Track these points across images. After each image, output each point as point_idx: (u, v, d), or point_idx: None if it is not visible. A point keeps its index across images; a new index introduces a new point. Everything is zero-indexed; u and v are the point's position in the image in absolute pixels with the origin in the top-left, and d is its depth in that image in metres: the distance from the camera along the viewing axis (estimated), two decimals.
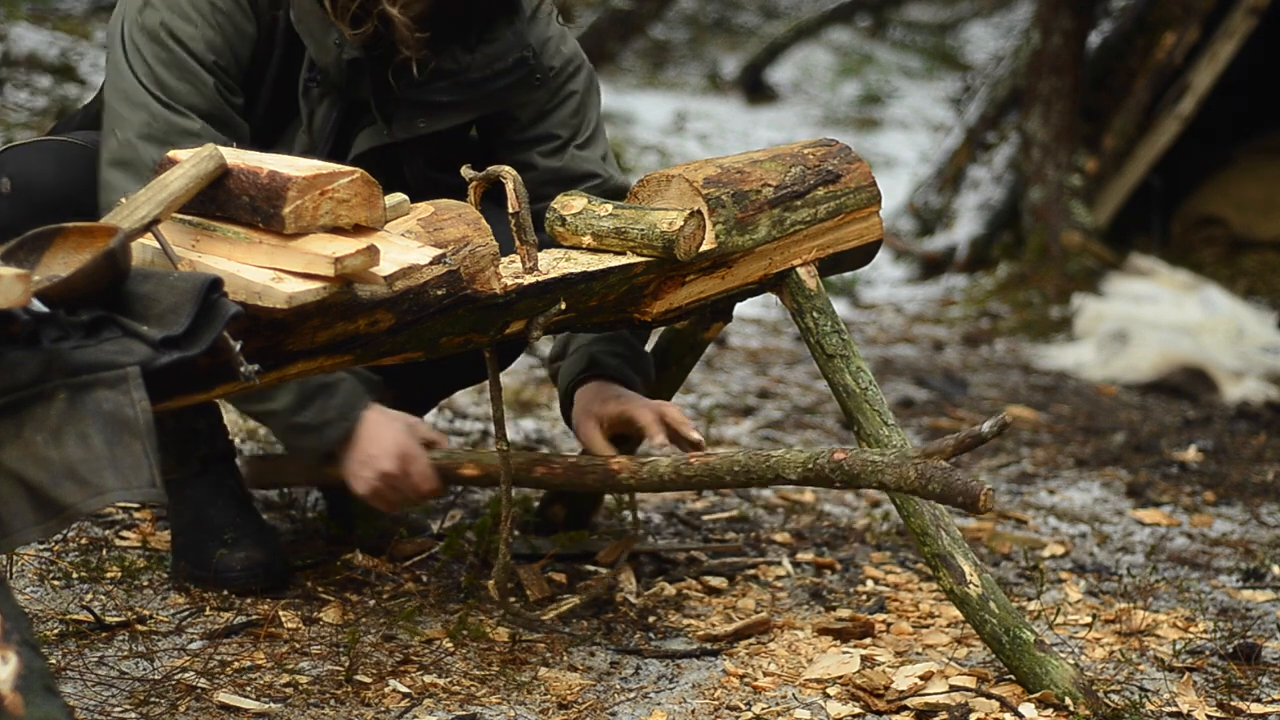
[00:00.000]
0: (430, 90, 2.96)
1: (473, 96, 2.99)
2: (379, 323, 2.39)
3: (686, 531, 3.59)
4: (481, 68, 2.98)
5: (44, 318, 2.02)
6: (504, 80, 3.00)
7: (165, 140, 2.75)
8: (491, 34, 2.98)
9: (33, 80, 6.83)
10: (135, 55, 2.82)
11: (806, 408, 4.89)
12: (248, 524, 3.08)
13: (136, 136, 2.78)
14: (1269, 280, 6.93)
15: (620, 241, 2.70)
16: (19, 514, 1.98)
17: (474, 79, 2.98)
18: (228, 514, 3.07)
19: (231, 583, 3.02)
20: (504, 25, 2.99)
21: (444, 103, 2.98)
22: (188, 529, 3.07)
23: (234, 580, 3.02)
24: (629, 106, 9.97)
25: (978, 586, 2.80)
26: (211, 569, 3.02)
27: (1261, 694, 2.88)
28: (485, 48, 2.98)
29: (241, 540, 3.04)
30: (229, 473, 3.15)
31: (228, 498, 3.10)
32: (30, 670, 1.84)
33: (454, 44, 2.96)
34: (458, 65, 2.97)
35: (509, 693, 2.76)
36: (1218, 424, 4.99)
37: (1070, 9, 6.86)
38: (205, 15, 2.83)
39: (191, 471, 3.10)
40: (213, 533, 3.05)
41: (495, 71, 2.99)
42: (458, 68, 2.97)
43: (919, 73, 12.21)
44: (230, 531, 3.05)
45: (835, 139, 3.07)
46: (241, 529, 3.06)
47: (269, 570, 3.05)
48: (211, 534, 3.05)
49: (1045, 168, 6.91)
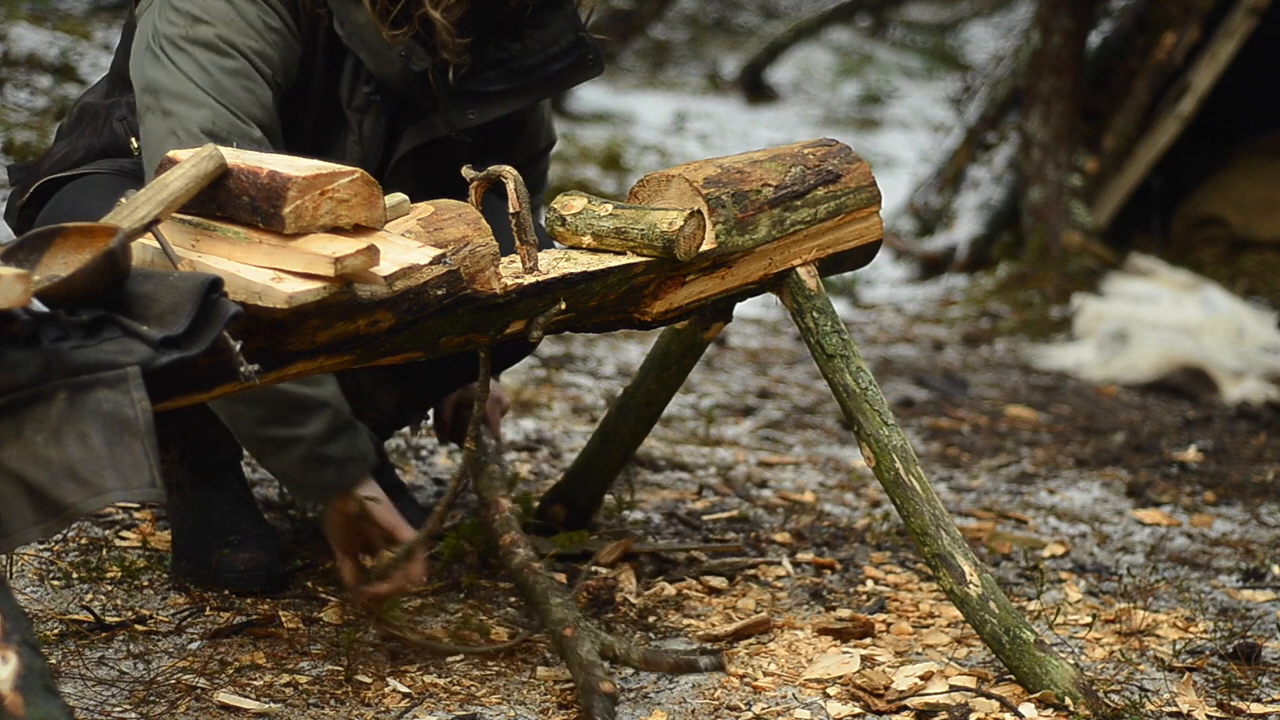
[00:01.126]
0: (480, 80, 2.90)
1: (525, 83, 2.93)
2: (379, 323, 2.39)
3: (686, 531, 3.59)
4: (534, 53, 2.92)
5: (44, 318, 2.02)
6: (559, 64, 2.93)
7: (228, 139, 2.66)
8: (539, 19, 2.91)
9: (33, 80, 6.83)
10: (189, 63, 2.72)
11: (806, 408, 4.89)
12: (252, 527, 3.08)
13: (201, 130, 2.68)
14: (1269, 280, 6.93)
15: (620, 241, 2.70)
16: (19, 514, 1.98)
17: (527, 64, 2.92)
18: (233, 518, 3.08)
19: (233, 583, 3.02)
20: (552, 10, 2.92)
21: (494, 92, 2.91)
22: (191, 530, 3.07)
23: (235, 580, 3.02)
24: (629, 106, 9.97)
25: (978, 586, 2.80)
26: (213, 568, 3.02)
27: (1261, 694, 2.88)
28: (534, 33, 2.91)
29: (246, 543, 3.04)
30: (236, 476, 3.15)
31: (234, 502, 3.11)
32: (30, 670, 1.84)
33: (498, 38, 2.91)
34: (507, 54, 2.91)
35: (509, 693, 2.76)
36: (1218, 424, 4.99)
37: (1070, 9, 6.86)
38: (261, 32, 2.76)
39: (202, 478, 3.11)
40: (217, 535, 3.05)
41: (549, 55, 2.92)
42: (507, 55, 2.91)
43: (919, 73, 12.22)
44: (235, 534, 3.05)
45: (835, 139, 3.07)
46: (245, 532, 3.06)
47: (270, 572, 3.05)
48: (216, 536, 3.05)
49: (1045, 168, 6.91)
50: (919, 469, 2.86)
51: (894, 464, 2.85)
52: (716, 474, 4.06)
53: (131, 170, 2.87)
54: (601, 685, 2.65)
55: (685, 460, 4.14)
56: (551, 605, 2.85)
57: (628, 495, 3.69)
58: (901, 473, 2.85)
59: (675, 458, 4.15)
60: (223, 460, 3.12)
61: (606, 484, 3.50)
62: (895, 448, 2.86)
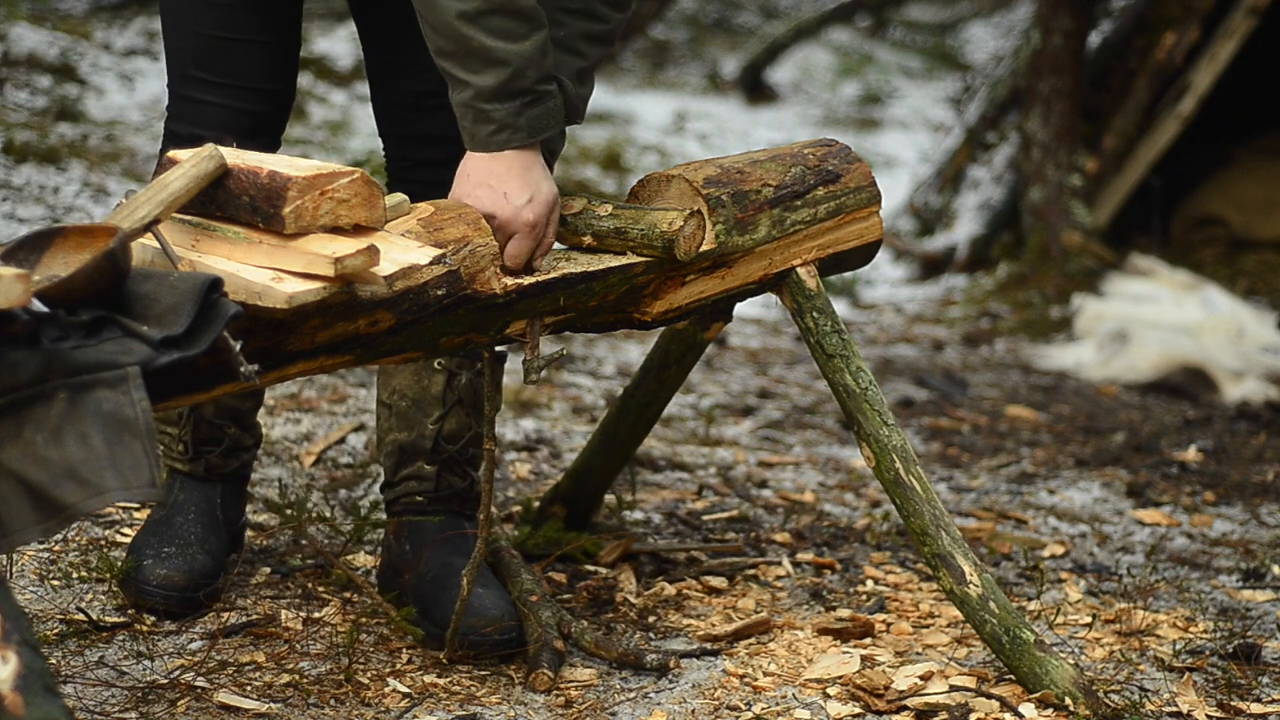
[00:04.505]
0: None
1: None
2: (379, 323, 2.39)
3: (686, 531, 3.59)
4: None
5: (44, 318, 2.02)
6: None
7: None
8: None
9: (33, 80, 6.83)
10: None
11: (806, 408, 4.89)
12: (195, 544, 2.96)
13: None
14: (1269, 280, 6.92)
15: (620, 242, 2.70)
16: (19, 514, 1.98)
17: None
18: (187, 528, 2.99)
19: (138, 594, 2.90)
20: None
21: None
22: (155, 522, 3.01)
23: (140, 593, 2.90)
24: (629, 106, 9.96)
25: (978, 586, 2.80)
26: (134, 574, 2.92)
27: (1261, 694, 2.88)
28: None
29: (172, 559, 2.92)
30: (222, 494, 3.07)
31: (201, 514, 3.02)
32: (30, 670, 1.84)
33: None
34: None
35: (509, 692, 2.76)
36: (1218, 424, 4.99)
37: (1070, 9, 6.85)
38: None
39: (193, 472, 3.07)
40: (166, 539, 2.97)
41: None
42: None
43: (919, 73, 12.21)
44: (172, 545, 2.94)
45: (835, 139, 3.07)
46: (183, 545, 2.95)
47: (181, 597, 2.90)
48: (165, 539, 2.96)
49: (1045, 168, 6.91)
50: (919, 469, 2.86)
51: (894, 464, 2.85)
52: (716, 474, 4.06)
53: None
54: (554, 643, 2.86)
55: (685, 460, 4.14)
56: (521, 579, 3.05)
57: (628, 495, 3.69)
58: (901, 473, 2.85)
59: (675, 458, 4.15)
60: (223, 464, 3.08)
61: (606, 484, 3.50)
62: (895, 448, 2.86)
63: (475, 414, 3.05)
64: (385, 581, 3.06)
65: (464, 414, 3.04)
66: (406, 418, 3.04)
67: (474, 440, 3.05)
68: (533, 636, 2.89)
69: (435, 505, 3.05)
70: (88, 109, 6.76)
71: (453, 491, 3.06)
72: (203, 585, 2.93)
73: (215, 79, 2.85)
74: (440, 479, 3.05)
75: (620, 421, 3.35)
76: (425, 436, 3.02)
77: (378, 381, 3.09)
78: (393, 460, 3.07)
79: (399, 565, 3.04)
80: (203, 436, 3.05)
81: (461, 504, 3.07)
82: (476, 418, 3.05)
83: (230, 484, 3.09)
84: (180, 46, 2.87)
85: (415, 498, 3.05)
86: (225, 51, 2.84)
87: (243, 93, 2.86)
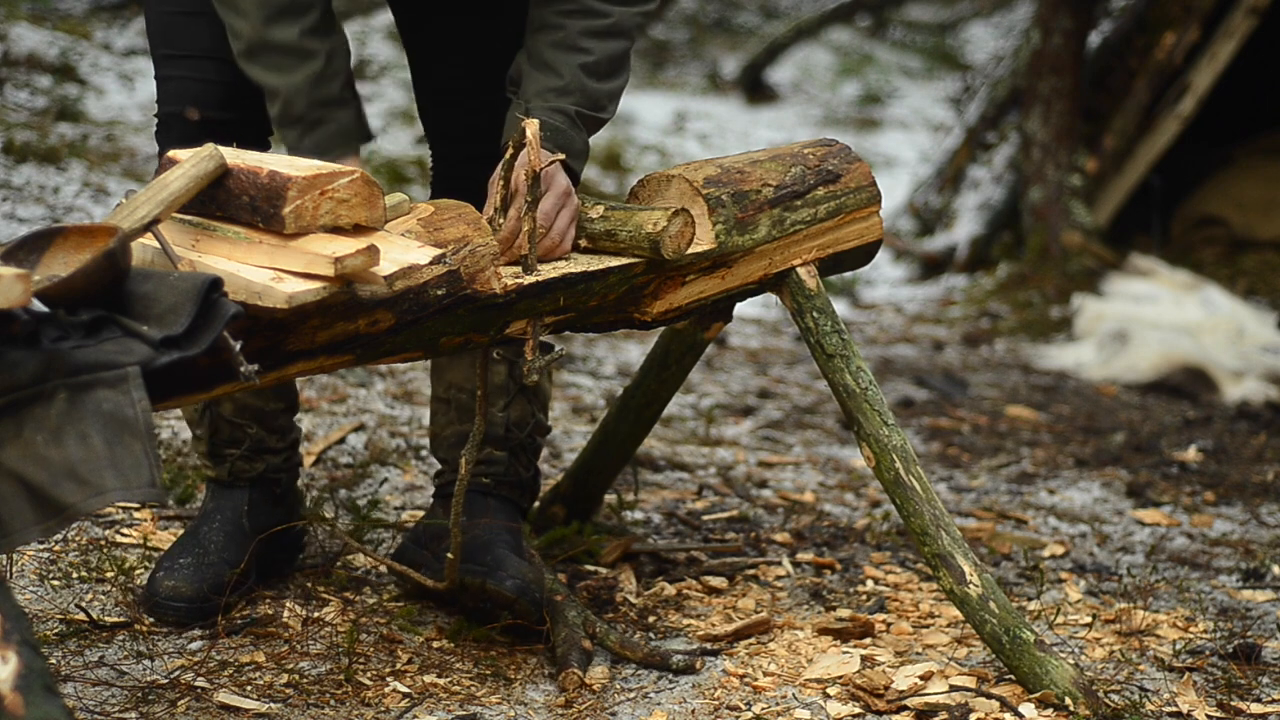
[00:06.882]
0: None
1: None
2: (379, 322, 2.39)
3: (686, 531, 3.59)
4: None
5: (44, 318, 2.02)
6: None
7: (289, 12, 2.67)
8: None
9: (33, 80, 6.83)
10: None
11: (806, 408, 4.89)
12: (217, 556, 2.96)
13: (261, 23, 2.69)
14: (1269, 280, 6.93)
15: (611, 243, 2.70)
16: (19, 514, 1.98)
17: None
18: (211, 538, 2.98)
19: (149, 603, 2.91)
20: None
21: None
22: (184, 533, 3.02)
23: (151, 603, 2.90)
24: (629, 106, 9.95)
25: (978, 586, 2.80)
26: (147, 586, 2.93)
27: (1261, 694, 2.88)
28: None
29: (185, 569, 2.92)
30: (249, 501, 3.05)
31: (225, 522, 3.01)
32: (30, 670, 1.84)
33: None
34: None
35: (509, 693, 2.76)
36: (1218, 424, 4.99)
37: (1070, 9, 6.86)
38: None
39: (219, 477, 3.04)
40: (187, 549, 2.97)
41: None
42: None
43: (919, 73, 12.21)
44: (189, 556, 2.94)
45: (835, 139, 3.07)
46: (201, 556, 2.94)
47: (190, 608, 2.90)
48: (186, 550, 2.97)
49: (1045, 168, 6.91)
50: (919, 469, 2.86)
51: (894, 464, 2.85)
52: (716, 474, 4.06)
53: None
54: (582, 642, 2.88)
55: (685, 460, 4.14)
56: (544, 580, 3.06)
57: (628, 495, 3.69)
58: (901, 473, 2.85)
59: (675, 458, 4.15)
60: (248, 469, 3.04)
61: (606, 484, 3.50)
62: (895, 448, 2.86)
63: (536, 403, 3.13)
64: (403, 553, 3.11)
65: (525, 402, 3.11)
66: (467, 410, 3.09)
67: (537, 428, 3.13)
68: (560, 636, 2.90)
69: (500, 490, 3.10)
70: (88, 109, 6.76)
71: (518, 480, 3.13)
72: (212, 595, 2.91)
73: (177, 52, 2.89)
74: (509, 465, 3.11)
75: (620, 421, 3.35)
76: (495, 424, 3.07)
77: (431, 379, 3.15)
78: (456, 451, 3.10)
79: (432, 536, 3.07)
80: (223, 437, 3.03)
81: (521, 494, 3.14)
82: (537, 407, 3.13)
83: (259, 489, 3.06)
84: (154, 30, 2.92)
85: (482, 479, 3.09)
86: (184, 25, 2.88)
87: (202, 62, 2.88)
